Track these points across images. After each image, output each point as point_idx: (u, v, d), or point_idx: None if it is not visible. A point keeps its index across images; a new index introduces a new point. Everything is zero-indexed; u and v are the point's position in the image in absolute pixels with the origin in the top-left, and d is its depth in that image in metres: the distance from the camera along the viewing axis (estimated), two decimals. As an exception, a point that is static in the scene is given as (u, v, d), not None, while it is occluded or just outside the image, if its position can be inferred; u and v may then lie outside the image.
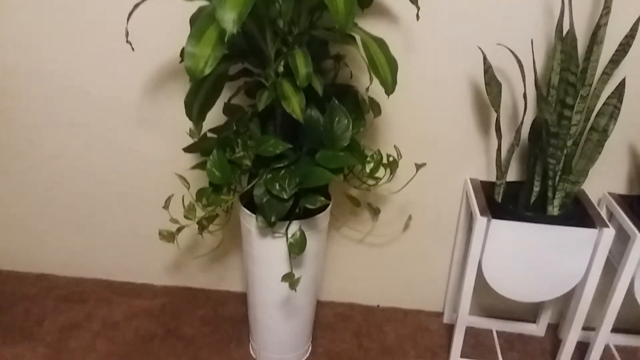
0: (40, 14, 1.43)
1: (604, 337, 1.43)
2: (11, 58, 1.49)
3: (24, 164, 1.65)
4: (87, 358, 1.51)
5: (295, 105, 1.11)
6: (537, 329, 1.68)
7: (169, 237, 1.35)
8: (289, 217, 1.26)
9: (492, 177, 1.51)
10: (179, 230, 1.33)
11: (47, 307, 1.70)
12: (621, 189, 1.48)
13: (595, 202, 1.41)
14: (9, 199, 1.72)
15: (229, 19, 0.91)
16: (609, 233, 1.28)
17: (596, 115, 1.28)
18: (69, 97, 1.53)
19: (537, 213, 1.34)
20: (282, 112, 1.24)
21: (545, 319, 1.66)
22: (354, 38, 1.16)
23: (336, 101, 1.21)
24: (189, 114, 1.19)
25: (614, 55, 1.25)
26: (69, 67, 1.49)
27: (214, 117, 1.44)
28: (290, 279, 1.23)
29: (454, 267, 1.64)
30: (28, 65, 1.50)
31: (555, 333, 1.69)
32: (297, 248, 1.26)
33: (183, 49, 1.29)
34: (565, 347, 1.46)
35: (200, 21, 1.00)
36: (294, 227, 1.27)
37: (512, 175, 1.50)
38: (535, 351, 1.62)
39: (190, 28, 1.23)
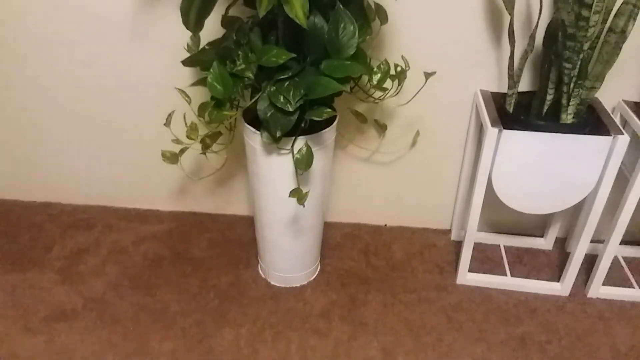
0: None
1: (613, 249, 1.42)
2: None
3: (20, 91, 1.60)
4: (97, 281, 1.53)
5: (298, 9, 1.05)
6: (544, 243, 1.68)
7: (172, 158, 1.32)
8: (294, 132, 1.22)
9: (504, 89, 1.46)
10: (182, 151, 1.30)
11: (54, 234, 1.69)
12: (636, 96, 1.43)
13: (609, 110, 1.37)
14: (9, 130, 1.68)
15: None
16: (624, 140, 1.25)
17: (614, 15, 1.21)
18: (60, 13, 1.46)
19: (550, 122, 1.30)
20: (284, 20, 1.18)
21: (553, 233, 1.65)
22: None
23: (341, 6, 1.14)
24: (185, 21, 1.13)
25: (636, -51, 1.17)
26: (57, -17, 1.41)
27: (212, 30, 1.37)
28: (298, 194, 1.21)
29: (462, 183, 1.61)
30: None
31: (563, 247, 1.69)
32: (303, 163, 1.23)
33: (176, -47, 1.22)
34: (574, 259, 1.46)
35: None
36: (300, 142, 1.24)
37: (524, 85, 1.44)
38: (542, 264, 1.62)
39: None
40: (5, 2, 1.45)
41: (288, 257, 1.48)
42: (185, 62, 1.18)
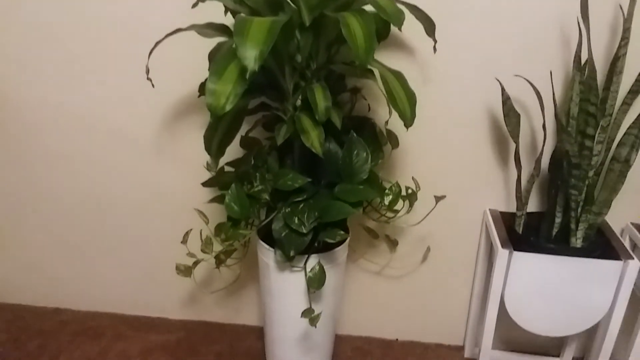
0: (61, 51, 1.46)
1: (632, 372, 1.39)
2: (29, 92, 1.52)
3: (41, 199, 1.66)
4: (102, 395, 1.49)
5: (314, 139, 1.11)
6: (561, 363, 1.64)
7: (186, 271, 1.34)
8: (307, 250, 1.24)
9: (512, 208, 1.49)
10: (196, 264, 1.32)
11: (62, 342, 1.68)
12: (644, 219, 1.45)
13: (618, 233, 1.39)
14: (25, 234, 1.73)
15: (251, 57, 0.92)
16: (634, 265, 1.25)
17: (617, 145, 1.26)
18: (87, 130, 1.55)
19: (559, 245, 1.31)
20: (300, 146, 1.24)
21: (569, 353, 1.61)
22: (372, 72, 1.17)
23: (355, 134, 1.21)
24: (208, 148, 1.19)
25: (633, 85, 1.24)
26: (87, 101, 1.51)
27: (231, 149, 1.43)
28: (310, 315, 1.21)
29: (474, 299, 1.60)
30: (46, 98, 1.52)
31: (580, 367, 1.64)
32: (316, 282, 1.24)
33: (202, 83, 1.31)
34: (592, 383, 1.42)
35: (221, 58, 1.00)
36: (313, 261, 1.26)
37: (532, 205, 1.48)
38: (560, 386, 1.57)
39: (210, 63, 1.25)
40: (31, 115, 1.54)
41: (297, 374, 1.45)
42: (206, 184, 1.24)
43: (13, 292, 1.83)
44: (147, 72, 1.13)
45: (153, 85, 1.43)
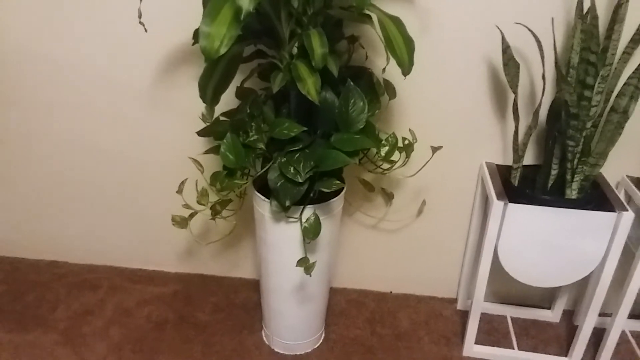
0: (50, -2, 1.42)
1: (621, 323, 1.41)
2: (22, 39, 1.48)
3: (35, 150, 1.65)
4: (100, 344, 1.51)
5: (310, 86, 1.09)
6: (552, 315, 1.67)
7: (181, 223, 1.34)
8: (303, 201, 1.24)
9: (509, 161, 1.49)
10: (192, 215, 1.32)
11: (60, 294, 1.69)
12: (640, 172, 1.46)
13: (613, 186, 1.39)
14: (20, 187, 1.72)
15: (245, -4, 0.89)
16: (628, 216, 1.26)
17: (616, 96, 1.25)
18: (80, 80, 1.52)
19: (555, 197, 1.32)
20: (297, 95, 1.22)
21: (560, 305, 1.64)
22: (370, 17, 1.14)
23: (352, 83, 1.19)
24: (202, 96, 1.17)
25: (635, 34, 1.22)
26: (80, 50, 1.48)
27: (227, 101, 1.42)
28: (305, 264, 1.22)
29: (468, 252, 1.62)
30: (39, 46, 1.48)
31: (570, 319, 1.67)
32: (311, 233, 1.24)
33: (196, 30, 1.28)
34: (582, 334, 1.44)
35: (215, 0, 0.98)
36: (308, 211, 1.26)
37: (529, 158, 1.48)
38: (550, 337, 1.60)
39: (204, 8, 1.22)
40: (24, 64, 1.51)
41: (292, 324, 1.47)
42: (201, 133, 1.22)
43: (9, 245, 1.84)
44: (140, 15, 1.09)
45: (146, 30, 1.39)
